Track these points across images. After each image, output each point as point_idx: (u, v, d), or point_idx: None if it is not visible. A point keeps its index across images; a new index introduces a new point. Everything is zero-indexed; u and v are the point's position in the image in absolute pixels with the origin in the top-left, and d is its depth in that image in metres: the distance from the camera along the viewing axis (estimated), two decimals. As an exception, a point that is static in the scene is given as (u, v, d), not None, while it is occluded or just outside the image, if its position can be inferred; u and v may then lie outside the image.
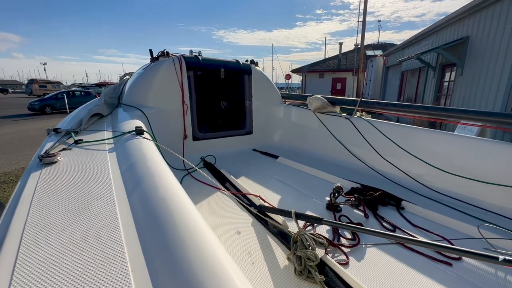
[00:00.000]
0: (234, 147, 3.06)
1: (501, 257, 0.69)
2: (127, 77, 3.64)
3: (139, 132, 1.46)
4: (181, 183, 0.88)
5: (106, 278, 0.53)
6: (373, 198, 1.81)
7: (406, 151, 2.19)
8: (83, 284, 0.52)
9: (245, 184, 2.07)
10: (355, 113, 2.75)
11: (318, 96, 2.98)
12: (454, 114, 2.15)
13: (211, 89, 2.97)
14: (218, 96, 3.07)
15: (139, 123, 1.69)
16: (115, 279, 0.53)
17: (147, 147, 1.27)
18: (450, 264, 1.27)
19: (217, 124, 3.07)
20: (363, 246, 1.40)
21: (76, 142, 1.42)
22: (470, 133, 5.38)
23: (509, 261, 0.69)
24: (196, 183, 2.14)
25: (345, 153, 2.64)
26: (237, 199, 1.82)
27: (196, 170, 2.33)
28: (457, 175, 1.92)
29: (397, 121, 5.35)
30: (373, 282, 1.15)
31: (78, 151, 1.30)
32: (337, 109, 2.98)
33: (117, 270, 0.55)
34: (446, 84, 9.10)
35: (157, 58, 2.71)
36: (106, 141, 1.45)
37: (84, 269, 0.55)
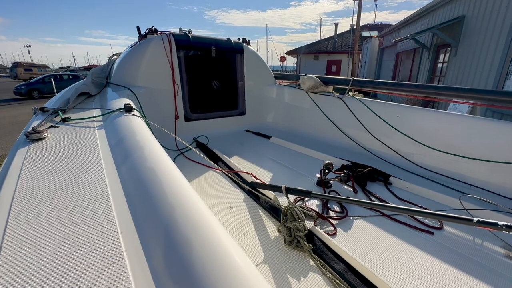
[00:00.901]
0: (227, 128, 3.06)
1: (475, 219, 0.74)
2: (115, 57, 3.53)
3: (128, 109, 1.44)
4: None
5: (96, 240, 0.55)
6: (362, 174, 1.86)
7: (396, 130, 2.23)
8: (73, 245, 0.54)
9: (237, 163, 2.09)
10: (348, 93, 2.75)
11: (311, 75, 2.95)
12: (443, 92, 2.17)
13: (202, 68, 2.91)
14: (210, 76, 3.01)
15: (128, 101, 1.67)
16: (105, 241, 0.54)
17: (137, 124, 1.26)
18: (432, 233, 1.34)
19: (210, 105, 3.04)
20: (351, 218, 1.46)
21: (64, 120, 1.40)
22: (461, 112, 5.48)
23: (482, 222, 0.73)
24: (188, 162, 2.15)
25: (337, 133, 2.67)
26: (230, 177, 1.85)
27: (188, 150, 2.34)
28: (444, 152, 1.98)
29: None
30: (358, 250, 1.21)
31: (66, 129, 1.29)
32: (330, 88, 2.97)
33: (107, 233, 0.56)
34: (440, 65, 9.08)
35: (145, 36, 2.62)
36: (94, 118, 1.44)
37: (74, 232, 0.57)
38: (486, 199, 1.51)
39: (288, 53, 27.88)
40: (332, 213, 1.49)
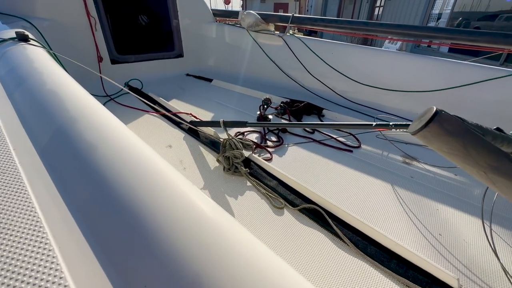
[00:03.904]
0: (164, 72, 2.80)
1: (374, 123, 0.87)
2: None
3: (22, 37, 1.17)
4: None
5: None
6: (298, 108, 1.98)
7: (331, 67, 2.36)
8: None
9: (176, 105, 1.99)
10: (288, 31, 2.71)
11: (250, 11, 2.78)
12: (371, 28, 2.31)
13: None
14: (135, 9, 2.58)
15: (22, 31, 1.35)
16: None
17: (35, 52, 1.04)
18: (351, 151, 1.56)
19: (140, 45, 2.67)
20: (286, 146, 1.59)
21: None
22: (394, 47, 6.02)
23: (379, 125, 0.87)
24: (120, 108, 1.96)
25: (278, 72, 2.69)
26: (168, 118, 1.77)
27: (119, 95, 2.12)
28: (369, 86, 2.20)
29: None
30: (290, 169, 1.35)
31: None
32: (271, 27, 2.88)
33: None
34: (377, 10, 9.47)
35: None
36: None
37: None
38: (395, 122, 1.78)
39: (233, -7, 25.30)
40: (269, 143, 1.60)
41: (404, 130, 0.86)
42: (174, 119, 1.74)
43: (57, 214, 0.39)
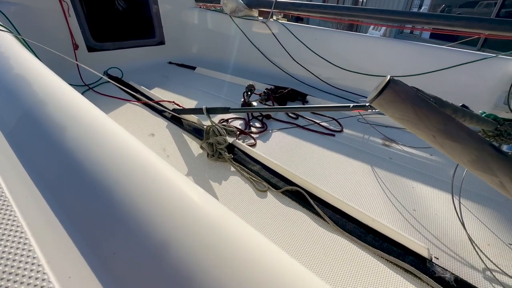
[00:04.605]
0: (145, 60, 2.71)
1: (351, 105, 0.89)
2: None
3: None
4: None
5: None
6: (282, 94, 1.99)
7: (314, 52, 2.36)
8: None
9: (159, 94, 1.95)
10: (272, 16, 2.68)
11: (233, -4, 2.71)
12: (354, 13, 2.31)
13: None
14: None
15: None
16: None
17: (3, 38, 0.99)
18: (333, 135, 1.60)
19: (119, 31, 2.56)
20: (270, 131, 1.60)
21: None
22: (377, 34, 6.08)
23: (356, 106, 0.90)
24: (99, 97, 1.90)
25: (262, 59, 2.67)
26: (151, 107, 1.74)
27: (98, 84, 2.05)
28: (351, 71, 2.23)
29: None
30: (274, 154, 1.37)
31: None
32: (255, 12, 2.83)
33: None
34: (362, -4, 9.45)
35: None
36: None
37: None
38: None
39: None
40: (253, 129, 1.61)
41: (377, 110, 0.89)
42: (156, 108, 1.71)
43: (24, 191, 0.38)
